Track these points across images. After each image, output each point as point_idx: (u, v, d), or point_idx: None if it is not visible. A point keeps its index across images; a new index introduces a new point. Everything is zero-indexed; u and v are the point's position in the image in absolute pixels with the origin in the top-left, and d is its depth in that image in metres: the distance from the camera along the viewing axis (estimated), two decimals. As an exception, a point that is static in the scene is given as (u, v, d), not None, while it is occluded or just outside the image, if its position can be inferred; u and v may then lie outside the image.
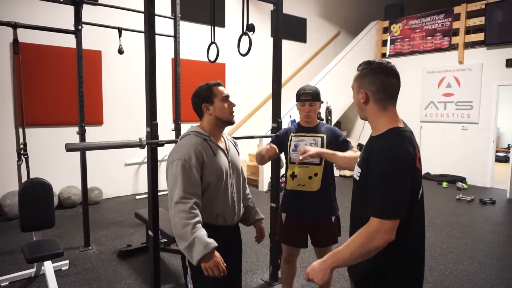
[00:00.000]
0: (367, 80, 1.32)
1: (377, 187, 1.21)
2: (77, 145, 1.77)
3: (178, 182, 1.54)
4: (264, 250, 3.59)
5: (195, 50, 6.33)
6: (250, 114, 7.37)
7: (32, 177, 2.91)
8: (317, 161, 2.22)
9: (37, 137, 4.86)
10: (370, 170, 1.25)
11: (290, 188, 2.29)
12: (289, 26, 7.77)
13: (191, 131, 1.71)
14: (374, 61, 1.35)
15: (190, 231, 1.46)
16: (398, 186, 1.19)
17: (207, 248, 1.45)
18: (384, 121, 1.31)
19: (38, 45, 4.81)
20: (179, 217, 1.49)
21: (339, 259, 1.24)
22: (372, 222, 1.20)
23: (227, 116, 1.73)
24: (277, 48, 2.88)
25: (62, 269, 3.12)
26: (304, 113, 2.28)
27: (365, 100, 1.32)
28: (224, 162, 1.71)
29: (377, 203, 1.20)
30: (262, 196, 5.88)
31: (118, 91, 5.60)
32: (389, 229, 1.17)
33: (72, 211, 4.89)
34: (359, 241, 1.20)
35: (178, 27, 4.03)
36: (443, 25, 7.25)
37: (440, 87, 7.26)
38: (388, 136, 1.27)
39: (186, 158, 1.58)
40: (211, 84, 1.74)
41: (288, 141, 2.30)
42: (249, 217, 1.97)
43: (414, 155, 1.23)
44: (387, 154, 1.21)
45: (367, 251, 1.19)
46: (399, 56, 7.98)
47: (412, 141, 1.27)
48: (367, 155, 1.29)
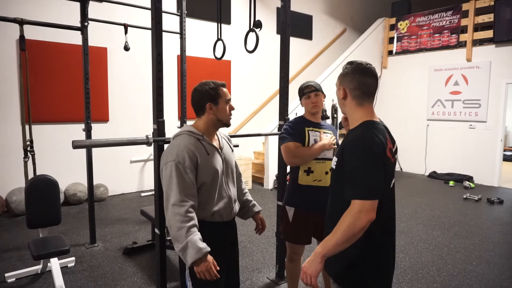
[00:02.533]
0: (347, 78, 1.46)
1: (354, 172, 1.31)
2: (84, 142, 1.76)
3: (173, 185, 1.56)
4: (270, 248, 3.57)
5: (201, 47, 6.30)
6: (256, 111, 7.35)
7: (38, 174, 2.91)
8: (331, 157, 2.26)
9: (44, 134, 4.87)
10: (345, 158, 1.36)
11: (304, 183, 2.25)
12: (295, 23, 7.72)
13: (184, 131, 1.70)
14: (355, 61, 1.48)
15: (185, 235, 1.49)
16: (373, 169, 1.30)
17: (199, 253, 1.48)
18: (359, 116, 1.44)
19: (45, 42, 4.82)
20: (175, 219, 1.52)
21: (328, 247, 1.30)
22: (353, 205, 1.28)
23: (227, 118, 1.75)
24: (284, 45, 2.85)
25: (68, 266, 3.13)
26: (312, 104, 2.28)
27: (343, 96, 1.47)
28: (218, 160, 1.72)
29: (356, 186, 1.30)
30: (267, 194, 5.86)
31: (123, 88, 5.60)
32: (370, 208, 1.27)
33: (78, 208, 4.90)
34: (344, 225, 1.27)
35: (184, 24, 4.01)
36: (451, 22, 7.16)
37: (448, 85, 7.18)
38: (361, 127, 1.41)
39: (180, 160, 1.58)
40: (219, 84, 1.73)
41: (306, 133, 2.26)
42: (248, 211, 2.00)
43: (384, 144, 1.35)
44: (360, 142, 1.34)
45: (353, 233, 1.26)
46: (406, 53, 7.90)
47: (383, 132, 1.39)
48: (343, 145, 1.41)
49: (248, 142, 7.03)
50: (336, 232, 1.29)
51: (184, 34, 4.02)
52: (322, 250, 1.30)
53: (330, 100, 7.25)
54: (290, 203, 2.34)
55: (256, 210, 2.00)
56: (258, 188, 6.26)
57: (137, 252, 3.44)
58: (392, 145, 1.43)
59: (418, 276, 3.07)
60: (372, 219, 1.27)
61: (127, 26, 3.79)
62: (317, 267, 1.29)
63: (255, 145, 7.33)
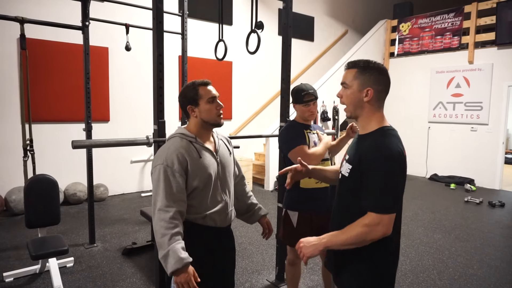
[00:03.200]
0: (373, 78, 1.33)
1: (375, 183, 1.25)
2: (83, 142, 1.75)
3: (161, 189, 1.51)
4: (270, 250, 3.55)
5: (203, 48, 6.30)
6: (257, 112, 7.34)
7: (38, 174, 2.89)
8: (328, 157, 2.26)
9: (44, 133, 4.86)
10: (364, 168, 1.28)
11: (306, 186, 2.22)
12: (297, 24, 7.71)
13: (177, 134, 1.66)
14: (373, 61, 1.37)
15: (167, 242, 1.45)
16: (394, 182, 1.25)
17: (179, 263, 1.42)
18: (375, 121, 1.35)
19: (46, 41, 4.81)
20: (159, 225, 1.48)
21: (333, 242, 1.30)
22: (370, 216, 1.25)
23: (214, 118, 1.65)
24: (286, 47, 2.83)
25: (67, 266, 3.11)
26: (310, 113, 2.25)
27: (370, 98, 1.33)
28: (212, 164, 1.65)
29: (375, 199, 1.25)
30: (267, 195, 5.85)
31: (125, 88, 5.59)
32: (387, 223, 1.24)
33: (77, 208, 4.89)
34: (357, 231, 1.25)
35: (185, 24, 4.00)
36: (453, 24, 7.15)
37: (449, 88, 7.17)
38: (379, 135, 1.32)
39: (169, 163, 1.53)
40: (197, 84, 1.65)
41: (307, 138, 2.24)
42: (253, 214, 1.94)
43: (403, 153, 1.29)
44: (381, 151, 1.26)
45: (362, 240, 1.25)
46: (407, 55, 7.89)
47: (400, 140, 1.33)
48: (359, 153, 1.32)
49: (249, 143, 7.02)
50: (347, 233, 1.27)
51: (185, 34, 4.01)
52: (327, 242, 1.30)
53: (331, 101, 7.23)
54: (293, 208, 2.28)
55: (262, 214, 1.94)
56: (259, 190, 6.24)
57: (136, 253, 3.42)
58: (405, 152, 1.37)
59: (418, 279, 3.05)
60: (387, 233, 1.25)
61: (128, 26, 3.78)
62: (314, 251, 1.30)
63: (256, 146, 7.32)
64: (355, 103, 1.36)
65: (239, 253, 3.48)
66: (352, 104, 1.37)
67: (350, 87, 1.36)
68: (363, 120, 1.37)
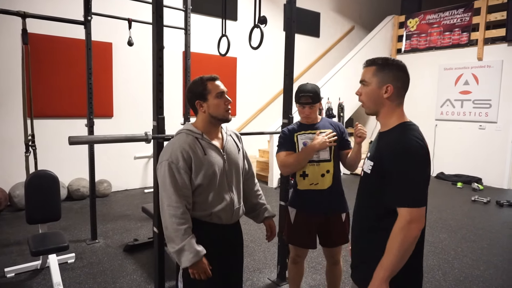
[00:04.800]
0: (392, 75, 1.34)
1: (400, 178, 1.24)
2: (80, 138, 1.72)
3: (167, 185, 1.53)
4: (272, 248, 3.51)
5: (207, 43, 6.25)
6: (261, 109, 7.28)
7: (39, 169, 2.88)
8: (327, 158, 2.16)
9: (47, 129, 4.87)
10: (387, 165, 1.28)
11: (303, 188, 2.20)
12: (303, 20, 7.63)
13: (183, 129, 1.66)
14: (392, 58, 1.38)
15: (181, 237, 1.49)
16: (419, 176, 1.25)
17: (197, 256, 1.49)
18: (396, 117, 1.36)
19: (50, 36, 4.80)
20: (171, 221, 1.51)
21: (388, 268, 1.24)
22: (401, 216, 1.23)
23: (222, 113, 1.64)
24: (289, 42, 2.77)
25: (68, 262, 3.11)
26: (304, 115, 2.21)
27: (390, 94, 1.34)
28: (218, 161, 1.64)
29: (403, 194, 1.24)
30: (271, 192, 5.81)
31: (129, 83, 5.57)
32: (419, 217, 1.23)
33: (81, 203, 4.90)
34: (397, 240, 1.23)
35: (189, 19, 3.95)
36: (462, 20, 7.01)
37: (457, 85, 7.04)
38: (400, 130, 1.33)
39: (173, 160, 1.55)
40: (205, 79, 1.65)
41: (295, 140, 2.21)
42: (258, 215, 1.91)
43: (426, 147, 1.29)
44: (403, 146, 1.26)
45: (408, 245, 1.22)
46: (415, 52, 7.76)
47: (421, 135, 1.33)
48: (380, 150, 1.33)
49: (253, 140, 6.97)
50: (391, 250, 1.24)
51: (188, 29, 3.97)
52: (384, 273, 1.25)
53: (337, 98, 7.15)
54: (291, 205, 2.30)
55: (266, 215, 1.89)
56: (263, 187, 6.20)
57: (138, 249, 3.41)
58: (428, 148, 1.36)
59: (423, 280, 2.98)
60: (422, 227, 1.24)
61: (131, 21, 3.75)
62: None
63: (260, 143, 7.27)
64: (375, 100, 1.37)
65: (241, 251, 3.45)
66: (372, 101, 1.38)
67: (369, 84, 1.37)
68: (383, 117, 1.39)
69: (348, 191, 2.34)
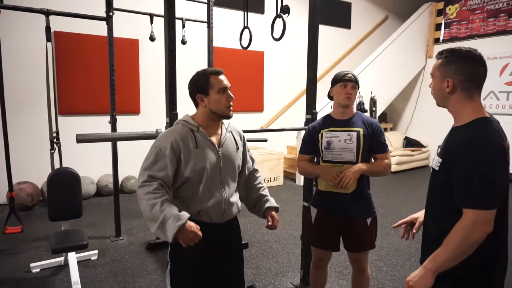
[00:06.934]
0: (454, 68, 1.28)
1: (468, 178, 1.17)
2: (87, 136, 1.65)
3: (146, 166, 1.50)
4: (297, 250, 3.36)
5: (233, 38, 6.13)
6: (289, 104, 7.10)
7: (61, 167, 2.90)
8: (353, 160, 1.97)
9: (78, 125, 4.95)
10: (456, 161, 1.21)
11: (323, 189, 2.05)
12: (333, 11, 7.33)
13: (180, 120, 1.62)
14: (461, 48, 1.30)
15: (159, 209, 1.40)
16: (491, 176, 1.16)
17: (182, 220, 1.38)
18: (469, 111, 1.27)
19: (77, 34, 4.86)
20: (146, 199, 1.43)
21: (439, 262, 1.19)
22: (466, 215, 1.16)
23: (222, 110, 1.57)
24: (313, 31, 2.59)
25: (91, 259, 3.12)
26: (345, 95, 1.97)
27: (451, 89, 1.28)
28: (210, 156, 1.56)
29: (469, 194, 1.17)
30: (299, 190, 5.62)
31: (156, 80, 5.57)
32: (486, 220, 1.14)
33: (109, 199, 4.96)
34: (457, 238, 1.16)
35: (211, 12, 3.85)
36: (508, 4, 6.43)
37: (503, 75, 6.49)
38: (475, 126, 1.23)
39: (162, 148, 1.50)
40: (209, 73, 1.57)
41: (319, 138, 2.04)
42: (261, 207, 1.78)
43: (503, 145, 1.19)
44: (477, 145, 1.17)
45: (467, 247, 1.15)
46: (454, 41, 7.25)
47: (501, 132, 1.23)
48: (451, 146, 1.27)
49: (280, 136, 6.80)
50: (448, 246, 1.18)
51: (211, 23, 3.87)
52: (432, 265, 1.20)
53: (369, 92, 6.82)
54: (313, 204, 2.16)
55: (266, 206, 1.75)
56: (290, 184, 6.04)
57: (159, 248, 3.37)
58: (509, 146, 1.26)
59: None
60: (488, 231, 1.15)
61: (152, 15, 3.70)
62: (427, 283, 1.19)
63: (288, 139, 7.08)
64: (439, 95, 1.34)
65: (264, 252, 3.32)
66: (437, 95, 1.35)
67: (434, 78, 1.35)
68: (452, 111, 1.33)
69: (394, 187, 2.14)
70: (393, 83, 7.34)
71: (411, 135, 7.73)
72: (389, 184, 5.77)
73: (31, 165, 4.77)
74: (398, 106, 8.19)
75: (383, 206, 4.62)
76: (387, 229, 3.90)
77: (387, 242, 3.57)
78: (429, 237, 1.36)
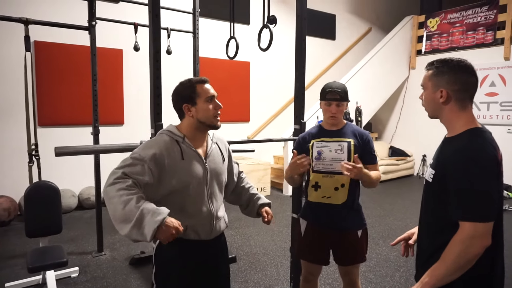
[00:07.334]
0: (447, 78, 1.27)
1: (463, 190, 1.15)
2: (67, 149, 1.58)
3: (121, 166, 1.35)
4: (285, 262, 3.30)
5: (219, 48, 6.12)
6: (276, 114, 7.09)
7: (39, 180, 2.78)
8: (332, 169, 1.94)
9: (58, 137, 4.81)
10: (449, 173, 1.19)
11: (313, 200, 2.01)
12: (317, 22, 7.42)
13: (165, 130, 1.54)
14: (451, 59, 1.31)
15: (135, 205, 1.22)
16: (486, 187, 1.14)
17: (161, 214, 1.22)
18: (462, 121, 1.25)
19: (59, 44, 4.75)
20: (118, 195, 1.24)
21: (437, 277, 1.16)
22: (463, 229, 1.13)
23: (211, 119, 1.52)
24: (300, 41, 2.58)
25: (72, 276, 2.98)
26: (330, 114, 1.97)
27: (445, 99, 1.26)
28: (196, 169, 1.49)
29: (466, 207, 1.14)
30: (286, 200, 5.57)
31: (140, 90, 5.47)
32: (483, 232, 1.12)
33: (91, 212, 4.80)
34: (455, 252, 1.13)
35: (197, 23, 3.83)
36: (486, 18, 6.65)
37: (483, 86, 6.66)
38: (468, 137, 1.22)
39: (143, 156, 1.38)
40: (194, 81, 1.51)
41: (310, 148, 2.01)
42: (254, 206, 1.74)
43: (496, 156, 1.18)
44: (470, 156, 1.16)
45: (465, 261, 1.12)
46: (435, 53, 7.42)
47: (493, 142, 1.21)
48: (444, 157, 1.25)
49: (267, 146, 6.78)
50: (446, 260, 1.15)
51: (197, 33, 3.84)
52: (430, 280, 1.17)
53: (354, 102, 6.89)
54: (303, 216, 2.12)
55: (260, 203, 1.73)
56: (277, 195, 5.99)
57: (144, 263, 3.25)
58: (501, 156, 1.24)
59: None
60: (486, 245, 1.12)
61: (137, 25, 3.64)
62: None
63: (275, 149, 7.06)
64: (432, 106, 1.32)
65: (252, 265, 3.25)
66: (429, 106, 1.34)
67: (426, 89, 1.34)
68: (445, 122, 1.32)
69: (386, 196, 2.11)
70: (377, 94, 7.44)
71: (396, 145, 7.82)
72: (375, 194, 5.78)
73: (8, 178, 4.59)
74: (383, 116, 8.29)
75: (370, 216, 4.61)
76: (375, 239, 3.88)
77: (376, 252, 3.55)
78: (424, 252, 1.33)
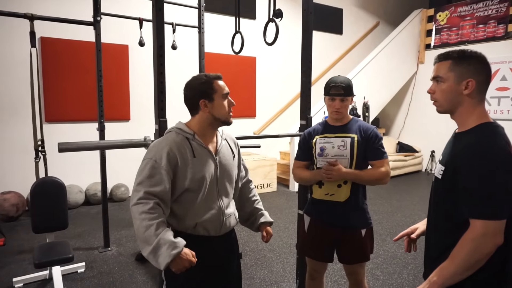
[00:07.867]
0: (473, 68, 1.18)
1: (476, 187, 1.10)
2: (70, 145, 1.56)
3: (141, 181, 1.39)
4: (291, 259, 3.28)
5: (225, 43, 6.08)
6: (282, 109, 7.05)
7: (45, 176, 2.79)
8: (346, 166, 1.90)
9: (65, 133, 4.83)
10: (461, 169, 1.14)
11: (318, 197, 1.99)
12: (324, 17, 7.34)
13: (174, 128, 1.53)
14: (468, 49, 1.23)
15: (154, 233, 1.30)
16: (499, 184, 1.08)
17: (178, 248, 1.29)
18: (475, 116, 1.19)
19: (65, 40, 4.75)
20: (140, 219, 1.33)
21: (446, 276, 1.12)
22: (474, 227, 1.09)
23: (226, 116, 1.52)
24: (306, 35, 2.53)
25: (78, 272, 2.99)
26: (333, 109, 1.93)
27: (471, 90, 1.18)
28: (208, 166, 1.49)
29: (477, 204, 1.09)
30: (292, 196, 5.55)
31: (146, 86, 5.47)
32: (495, 231, 1.07)
33: (98, 208, 4.81)
34: (465, 251, 1.09)
35: (202, 17, 3.79)
36: (497, 11, 6.50)
37: (493, 81, 6.53)
38: (480, 131, 1.16)
39: (157, 159, 1.40)
40: (212, 77, 1.50)
41: (313, 144, 1.98)
42: (254, 222, 1.74)
43: (510, 152, 1.11)
44: (482, 151, 1.11)
45: (475, 260, 1.08)
46: (445, 46, 7.29)
47: (505, 137, 1.15)
48: (455, 153, 1.19)
49: (273, 142, 6.74)
50: (455, 259, 1.11)
51: (202, 28, 3.80)
52: (438, 279, 1.13)
53: (361, 97, 6.81)
54: (306, 212, 2.11)
55: (261, 221, 1.72)
56: (283, 190, 5.96)
57: (150, 259, 3.25)
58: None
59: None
60: (499, 243, 1.08)
61: (142, 20, 3.62)
62: None
63: (282, 145, 7.03)
64: (452, 98, 1.22)
65: (258, 262, 3.24)
66: (448, 99, 1.23)
67: (446, 81, 1.22)
68: (460, 116, 1.23)
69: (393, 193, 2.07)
70: (385, 89, 7.35)
71: (404, 140, 7.73)
72: (382, 190, 5.72)
73: (16, 174, 4.62)
74: (391, 111, 8.19)
75: (377, 212, 4.56)
76: (382, 236, 3.84)
77: (383, 249, 3.51)
78: (433, 250, 1.29)
